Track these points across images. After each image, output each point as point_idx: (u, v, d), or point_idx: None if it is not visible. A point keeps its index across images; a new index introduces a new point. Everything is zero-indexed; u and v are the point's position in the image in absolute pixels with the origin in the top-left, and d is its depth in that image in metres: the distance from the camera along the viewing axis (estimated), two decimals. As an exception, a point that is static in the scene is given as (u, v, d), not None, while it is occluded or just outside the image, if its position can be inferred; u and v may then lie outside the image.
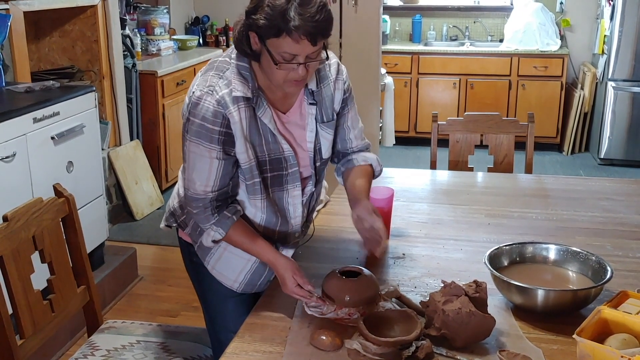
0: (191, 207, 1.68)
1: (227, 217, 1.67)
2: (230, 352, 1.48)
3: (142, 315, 3.25)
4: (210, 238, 1.69)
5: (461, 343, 1.45)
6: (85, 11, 3.94)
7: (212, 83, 1.59)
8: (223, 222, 1.66)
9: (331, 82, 1.74)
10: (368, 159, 1.85)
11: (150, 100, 4.55)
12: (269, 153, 1.67)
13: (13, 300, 1.71)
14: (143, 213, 4.39)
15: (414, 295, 1.68)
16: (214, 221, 1.66)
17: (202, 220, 1.68)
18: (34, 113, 2.81)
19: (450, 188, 2.59)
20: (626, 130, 5.56)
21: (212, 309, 1.88)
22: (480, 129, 2.94)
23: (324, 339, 1.47)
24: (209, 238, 1.69)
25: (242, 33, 1.58)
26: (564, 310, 1.57)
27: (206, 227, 1.68)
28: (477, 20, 6.45)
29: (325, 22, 1.50)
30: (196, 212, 1.67)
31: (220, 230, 1.67)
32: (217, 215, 1.66)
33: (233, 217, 1.68)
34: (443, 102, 6.08)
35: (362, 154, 1.86)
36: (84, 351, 1.95)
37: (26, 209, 1.79)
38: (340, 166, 1.87)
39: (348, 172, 1.85)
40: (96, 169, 3.33)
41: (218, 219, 1.66)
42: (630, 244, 2.01)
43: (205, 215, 1.66)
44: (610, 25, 5.49)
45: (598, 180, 2.75)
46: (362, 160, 1.85)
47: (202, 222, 1.68)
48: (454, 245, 2.00)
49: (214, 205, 1.65)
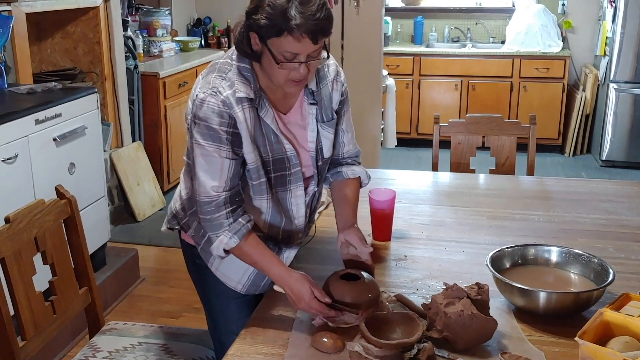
0: (203, 212, 1.62)
1: (242, 224, 1.61)
2: (232, 354, 1.48)
3: (144, 316, 3.25)
4: (223, 246, 1.61)
5: (463, 345, 1.45)
6: (87, 13, 3.94)
7: (215, 84, 1.59)
8: (237, 229, 1.61)
9: (329, 82, 1.75)
10: (357, 172, 1.85)
11: (152, 102, 4.56)
12: (272, 153, 1.67)
13: (15, 301, 1.72)
14: (145, 214, 4.39)
15: (415, 298, 1.67)
16: (227, 227, 1.60)
17: (215, 227, 1.61)
18: (36, 114, 2.81)
19: (452, 190, 2.59)
20: (628, 132, 5.56)
21: (214, 311, 1.88)
22: (482, 131, 2.93)
23: (326, 341, 1.47)
24: (221, 245, 1.61)
25: (243, 34, 1.58)
26: (566, 313, 1.57)
27: (219, 233, 1.61)
28: (479, 22, 6.45)
29: (325, 20, 1.50)
30: (209, 218, 1.61)
31: (235, 237, 1.60)
32: (232, 220, 1.61)
33: (247, 225, 1.62)
34: (445, 103, 6.08)
35: (351, 168, 1.85)
36: (86, 353, 1.95)
37: (28, 210, 1.79)
38: (329, 176, 1.86)
39: (336, 183, 1.85)
40: (98, 170, 3.33)
41: (232, 224, 1.61)
42: (633, 246, 2.01)
43: (219, 221, 1.60)
44: (612, 26, 5.49)
45: (600, 182, 2.75)
46: (351, 174, 1.84)
47: (215, 228, 1.61)
48: (455, 247, 2.00)
49: (228, 208, 1.60)
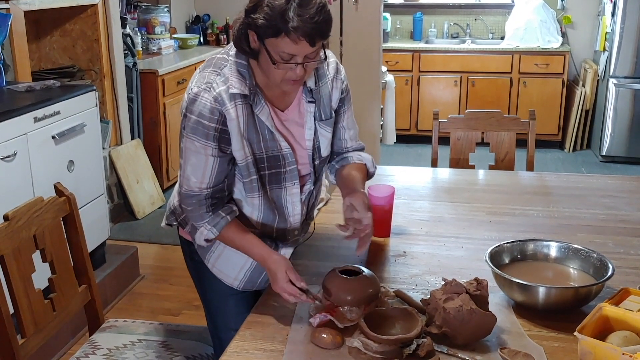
0: (185, 204, 1.67)
1: (222, 216, 1.66)
2: (232, 351, 1.48)
3: (144, 314, 3.25)
4: (203, 237, 1.67)
5: (462, 341, 1.45)
6: (85, 10, 3.93)
7: (209, 80, 1.59)
8: (217, 221, 1.65)
9: (329, 81, 1.74)
10: (363, 158, 1.85)
11: (151, 99, 4.55)
12: (267, 150, 1.66)
13: (14, 299, 1.71)
14: (144, 212, 4.39)
15: (414, 293, 1.67)
16: (208, 219, 1.65)
17: (195, 218, 1.66)
18: (34, 112, 2.80)
19: (452, 186, 2.59)
20: (628, 127, 5.56)
21: (212, 308, 1.89)
22: (481, 127, 2.93)
23: (325, 337, 1.47)
24: (202, 237, 1.67)
25: (241, 31, 1.58)
26: (565, 308, 1.57)
27: (199, 225, 1.66)
28: (478, 18, 6.44)
29: (324, 23, 1.50)
30: (190, 210, 1.66)
31: (214, 229, 1.65)
32: (212, 213, 1.65)
33: (227, 217, 1.66)
34: (444, 99, 6.08)
35: (357, 153, 1.86)
36: (86, 350, 1.95)
37: (27, 208, 1.79)
38: (335, 164, 1.86)
39: (343, 167, 1.84)
40: (97, 168, 3.33)
41: (212, 217, 1.65)
42: (632, 241, 2.01)
43: (200, 213, 1.65)
44: (612, 22, 5.48)
45: (600, 177, 2.74)
46: (357, 159, 1.84)
47: (196, 219, 1.66)
48: (455, 243, 2.00)
49: (208, 202, 1.65)
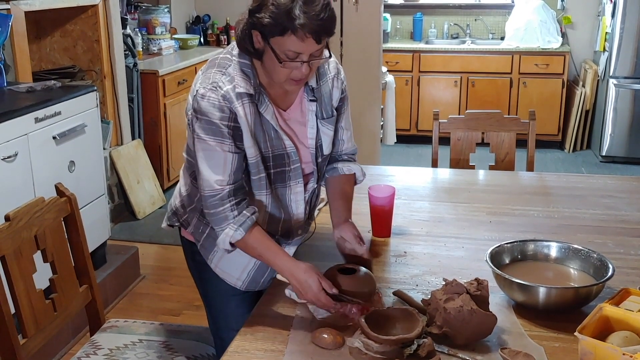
0: (208, 206, 1.61)
1: (247, 216, 1.60)
2: (233, 351, 1.48)
3: (145, 314, 3.25)
4: (229, 239, 1.60)
5: (463, 341, 1.45)
6: (86, 11, 3.94)
7: (215, 80, 1.59)
8: (243, 221, 1.60)
9: (330, 80, 1.75)
10: (352, 169, 1.87)
11: (151, 100, 4.56)
12: (272, 149, 1.67)
13: (15, 299, 1.72)
14: (145, 212, 4.39)
15: (415, 293, 1.68)
16: (232, 220, 1.59)
17: (220, 221, 1.60)
18: (35, 113, 2.81)
19: (452, 186, 2.59)
20: (628, 128, 5.56)
21: (214, 308, 1.89)
22: (481, 127, 2.94)
23: (326, 337, 1.47)
24: (227, 238, 1.60)
25: (245, 31, 1.58)
26: (565, 308, 1.57)
27: (224, 226, 1.60)
28: (478, 18, 6.45)
29: (329, 20, 1.51)
30: (213, 212, 1.60)
31: (240, 229, 1.59)
32: (237, 212, 1.60)
33: (252, 217, 1.62)
34: (444, 100, 6.08)
35: (346, 164, 1.87)
36: (87, 350, 1.95)
37: (28, 208, 1.79)
38: (325, 173, 1.87)
39: (331, 179, 1.87)
40: (98, 168, 3.33)
41: (237, 217, 1.59)
42: (632, 241, 2.01)
43: (224, 214, 1.59)
44: (612, 22, 5.49)
45: (600, 177, 2.74)
46: (347, 170, 1.86)
47: (221, 222, 1.60)
48: (455, 243, 2.00)
49: (232, 201, 1.59)
